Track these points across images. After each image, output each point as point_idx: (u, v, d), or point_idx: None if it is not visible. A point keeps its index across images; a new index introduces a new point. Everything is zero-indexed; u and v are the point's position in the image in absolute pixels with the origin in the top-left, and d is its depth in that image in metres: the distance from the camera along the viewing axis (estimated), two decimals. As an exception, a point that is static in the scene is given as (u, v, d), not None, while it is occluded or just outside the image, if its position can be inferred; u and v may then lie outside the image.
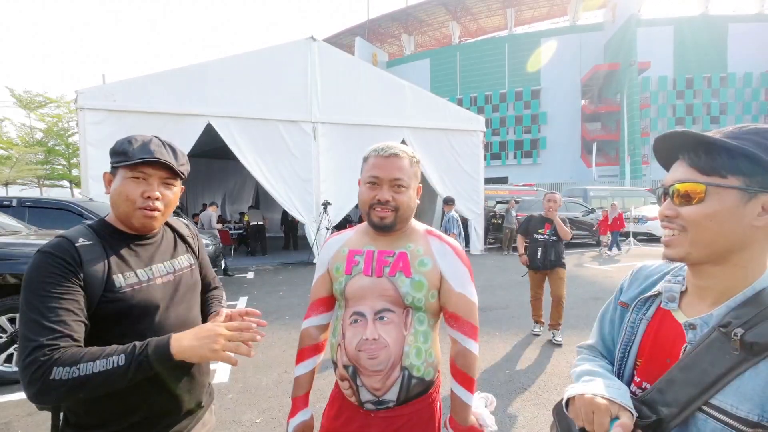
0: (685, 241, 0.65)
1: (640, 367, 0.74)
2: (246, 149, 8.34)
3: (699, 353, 0.63)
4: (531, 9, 46.80)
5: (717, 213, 0.62)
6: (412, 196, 1.08)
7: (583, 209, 12.39)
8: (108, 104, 7.24)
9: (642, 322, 0.75)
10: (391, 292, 1.04)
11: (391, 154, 1.05)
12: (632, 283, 0.83)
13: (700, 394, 0.61)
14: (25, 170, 18.47)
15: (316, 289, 1.20)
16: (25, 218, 5.08)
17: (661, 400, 0.65)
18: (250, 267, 9.02)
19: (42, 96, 19.26)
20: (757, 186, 0.60)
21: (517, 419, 2.65)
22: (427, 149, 9.85)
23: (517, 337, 4.23)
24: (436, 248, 1.09)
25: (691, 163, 0.65)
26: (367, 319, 1.04)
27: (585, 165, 37.66)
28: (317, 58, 8.85)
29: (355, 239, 1.15)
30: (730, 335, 0.60)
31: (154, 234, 1.07)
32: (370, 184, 1.06)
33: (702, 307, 0.68)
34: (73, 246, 0.90)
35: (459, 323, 1.08)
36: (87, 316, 0.88)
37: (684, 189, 0.65)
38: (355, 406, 1.08)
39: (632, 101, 33.92)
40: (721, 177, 0.62)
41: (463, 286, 1.08)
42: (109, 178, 1.00)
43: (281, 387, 3.08)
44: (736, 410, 0.58)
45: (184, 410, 1.06)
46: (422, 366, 1.04)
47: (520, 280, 7.24)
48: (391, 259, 1.07)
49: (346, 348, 1.05)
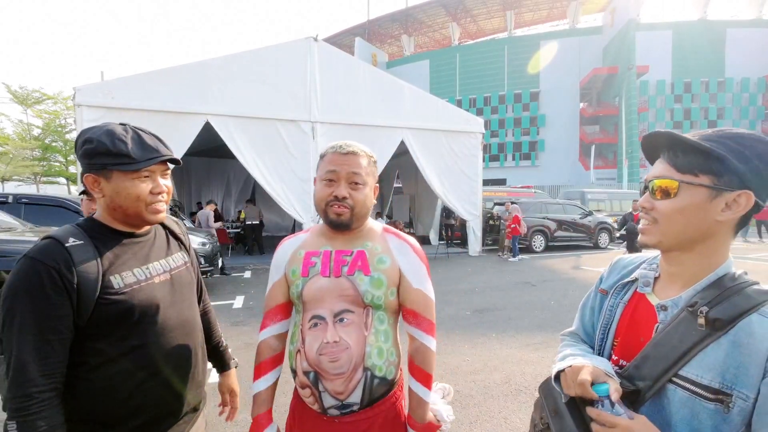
0: (657, 232, 0.73)
1: (618, 346, 0.81)
2: (244, 148, 8.32)
3: (669, 331, 0.71)
4: (531, 11, 46.97)
5: (686, 207, 0.69)
6: (369, 194, 1.07)
7: (580, 212, 12.43)
8: (106, 101, 7.20)
9: (619, 306, 0.84)
10: (351, 292, 1.03)
11: (349, 151, 1.04)
12: (611, 272, 0.92)
13: (670, 367, 0.68)
14: (22, 167, 18.39)
15: (272, 296, 1.14)
16: (21, 215, 5.05)
17: (637, 375, 0.72)
18: (247, 266, 9.00)
19: (38, 92, 19.18)
20: (723, 185, 0.67)
21: (513, 421, 2.65)
22: (425, 150, 9.85)
23: (513, 338, 4.23)
24: (394, 245, 1.09)
25: (670, 161, 0.72)
26: (327, 322, 1.02)
27: (583, 168, 37.81)
28: (317, 58, 8.83)
29: (310, 241, 1.12)
30: (696, 314, 0.68)
31: (147, 231, 1.04)
32: (327, 181, 1.04)
33: (672, 291, 0.76)
34: (63, 247, 0.86)
35: (417, 320, 1.08)
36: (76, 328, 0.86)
37: (660, 184, 0.72)
38: (318, 414, 1.05)
39: (630, 105, 34.07)
40: (694, 175, 0.69)
41: (421, 282, 1.08)
42: (95, 179, 0.93)
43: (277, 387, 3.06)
44: (701, 379, 0.66)
45: (186, 411, 1.05)
46: (384, 365, 1.04)
47: (517, 282, 7.27)
48: (349, 258, 1.05)
49: (306, 353, 1.02)
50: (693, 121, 38.41)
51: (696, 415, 0.66)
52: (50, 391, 0.81)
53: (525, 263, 9.52)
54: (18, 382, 0.79)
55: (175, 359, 1.00)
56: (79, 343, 0.87)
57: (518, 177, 37.02)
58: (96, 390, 0.89)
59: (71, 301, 0.84)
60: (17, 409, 0.78)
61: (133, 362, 0.93)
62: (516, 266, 9.09)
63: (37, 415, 0.79)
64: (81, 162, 0.93)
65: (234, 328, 4.59)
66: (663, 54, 37.75)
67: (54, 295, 0.82)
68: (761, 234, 14.71)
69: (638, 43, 34.87)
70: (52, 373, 0.82)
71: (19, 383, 0.79)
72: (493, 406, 2.83)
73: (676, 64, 38.09)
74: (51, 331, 0.82)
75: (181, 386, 1.02)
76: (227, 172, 15.05)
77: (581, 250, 11.80)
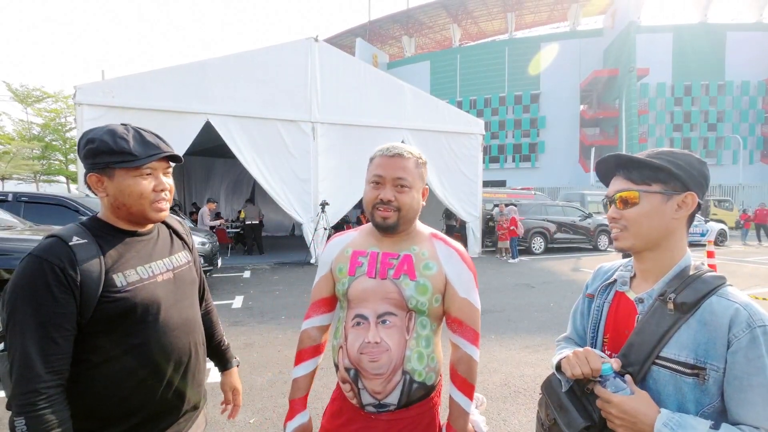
0: (629, 236, 0.86)
1: (608, 342, 0.92)
2: (244, 148, 8.32)
3: (647, 319, 0.83)
4: (531, 13, 46.98)
5: (648, 212, 0.84)
6: (416, 197, 1.07)
7: (580, 214, 12.43)
8: (107, 100, 7.21)
9: (605, 306, 0.95)
10: (395, 295, 1.03)
11: (396, 153, 1.05)
12: (595, 278, 1.04)
13: (652, 350, 0.79)
14: (22, 165, 18.37)
15: (318, 290, 1.18)
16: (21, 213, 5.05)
17: (626, 362, 0.82)
18: (247, 266, 8.99)
19: (39, 91, 19.18)
20: (671, 190, 0.83)
21: (512, 423, 2.65)
22: (426, 151, 9.79)
23: (512, 340, 4.23)
24: (442, 252, 1.08)
25: (626, 177, 0.87)
26: (370, 322, 1.03)
27: (583, 169, 37.81)
28: (318, 58, 8.84)
29: (359, 240, 1.14)
30: (666, 301, 0.81)
31: (150, 230, 1.05)
32: (373, 184, 1.05)
33: (646, 286, 0.88)
34: (67, 246, 0.87)
35: (462, 329, 1.07)
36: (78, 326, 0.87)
37: (624, 196, 0.86)
38: (357, 408, 1.07)
39: (631, 107, 34.06)
40: (648, 185, 0.84)
41: (467, 291, 1.07)
42: (98, 178, 0.94)
43: (276, 388, 3.06)
44: (678, 357, 0.77)
45: (186, 408, 1.05)
46: (424, 371, 1.03)
47: (517, 283, 7.27)
48: (396, 262, 1.06)
49: (348, 351, 1.04)
50: (693, 123, 38.41)
51: (679, 389, 0.77)
52: (57, 387, 0.82)
53: (525, 265, 9.52)
54: (25, 378, 0.80)
55: (176, 358, 1.00)
56: (81, 341, 0.88)
57: (518, 179, 37.02)
58: (97, 387, 0.90)
59: (75, 299, 0.85)
60: (25, 405, 0.79)
61: (135, 360, 0.93)
62: (516, 268, 9.09)
63: (46, 411, 0.80)
64: (84, 163, 0.95)
65: (233, 328, 4.58)
66: (663, 56, 37.76)
67: (59, 293, 0.83)
68: (760, 238, 14.74)
69: (639, 45, 34.86)
70: (57, 369, 0.83)
71: (27, 380, 0.80)
72: (492, 407, 2.83)
73: (677, 66, 38.10)
74: (56, 329, 0.83)
75: (182, 384, 1.02)
76: (227, 171, 15.05)
77: (581, 252, 11.80)
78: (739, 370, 0.72)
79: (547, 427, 0.91)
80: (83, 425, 0.89)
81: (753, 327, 0.72)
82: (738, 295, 0.77)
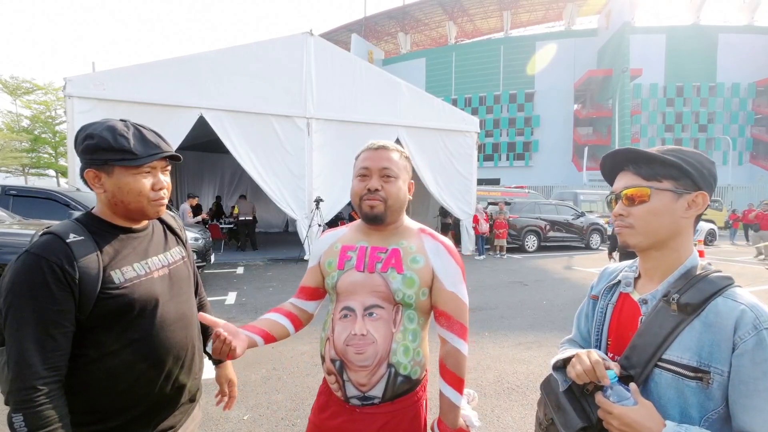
0: (636, 233, 0.83)
1: (611, 344, 0.90)
2: (238, 143, 8.24)
3: (650, 321, 0.80)
4: (527, 12, 47.13)
5: (658, 209, 0.80)
6: (402, 188, 1.09)
7: (573, 213, 12.53)
8: (98, 93, 7.09)
9: (609, 307, 0.93)
10: (382, 288, 1.05)
11: (380, 146, 1.09)
12: (600, 280, 1.02)
13: (654, 352, 0.77)
14: (10, 158, 18.02)
15: (305, 278, 1.25)
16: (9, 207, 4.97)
17: (628, 364, 0.80)
18: (240, 262, 8.94)
19: (29, 82, 18.82)
20: (683, 188, 0.80)
21: (505, 419, 2.67)
22: (420, 148, 9.84)
23: (506, 337, 4.26)
24: (429, 246, 1.10)
25: (636, 172, 0.83)
26: (357, 315, 1.05)
27: (576, 169, 38.08)
28: (313, 54, 8.77)
29: (348, 236, 1.16)
30: (670, 302, 0.78)
31: (145, 226, 1.05)
32: (360, 177, 1.08)
33: (650, 286, 0.86)
34: (65, 243, 0.87)
35: (449, 322, 1.08)
36: (77, 322, 0.87)
37: (632, 192, 0.83)
38: (341, 401, 1.08)
39: (624, 107, 34.35)
40: (658, 182, 0.81)
41: (454, 285, 1.07)
42: (96, 174, 0.94)
43: (269, 384, 3.05)
44: (681, 359, 0.74)
45: (183, 401, 1.07)
46: (409, 364, 1.04)
47: (510, 281, 7.32)
48: (384, 255, 1.07)
49: (334, 342, 1.06)
50: (684, 124, 38.87)
51: (682, 393, 0.74)
52: (55, 383, 0.83)
53: (518, 263, 9.58)
54: (22, 375, 0.80)
55: (174, 352, 1.01)
56: (80, 336, 0.88)
57: (512, 177, 37.16)
58: (95, 381, 0.91)
59: (74, 297, 0.85)
60: (23, 401, 0.79)
61: (133, 355, 0.94)
62: (509, 265, 9.15)
63: (44, 407, 0.80)
64: (81, 158, 0.94)
65: (226, 324, 4.55)
66: (656, 57, 38.11)
67: (57, 291, 0.83)
68: (749, 237, 14.96)
69: (632, 46, 35.16)
70: (56, 366, 0.83)
71: (24, 376, 0.80)
72: (485, 404, 2.85)
73: (669, 67, 38.48)
74: (54, 326, 0.83)
75: (179, 378, 1.04)
76: (220, 167, 14.91)
77: (573, 251, 11.91)
78: (745, 374, 0.68)
79: (545, 427, 0.91)
80: (82, 419, 0.89)
81: (760, 329, 0.69)
82: (745, 296, 0.74)
